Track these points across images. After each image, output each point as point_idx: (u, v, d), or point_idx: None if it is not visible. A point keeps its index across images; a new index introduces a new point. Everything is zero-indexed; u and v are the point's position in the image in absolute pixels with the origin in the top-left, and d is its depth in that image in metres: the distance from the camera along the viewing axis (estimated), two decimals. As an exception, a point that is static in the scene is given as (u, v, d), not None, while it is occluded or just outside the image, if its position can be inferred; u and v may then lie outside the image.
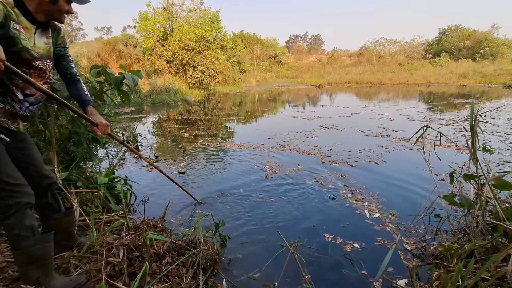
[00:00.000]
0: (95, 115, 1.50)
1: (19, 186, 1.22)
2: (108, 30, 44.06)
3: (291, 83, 23.02)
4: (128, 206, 2.47)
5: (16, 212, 1.20)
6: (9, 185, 1.19)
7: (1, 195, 1.18)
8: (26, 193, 1.25)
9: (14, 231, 1.20)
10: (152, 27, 16.95)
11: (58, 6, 1.23)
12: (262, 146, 4.63)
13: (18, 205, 1.20)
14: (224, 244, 1.93)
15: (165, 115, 8.85)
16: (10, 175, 1.20)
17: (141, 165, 3.76)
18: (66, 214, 1.57)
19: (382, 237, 2.05)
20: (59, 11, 1.25)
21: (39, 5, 1.20)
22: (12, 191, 1.20)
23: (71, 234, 1.63)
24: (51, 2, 1.21)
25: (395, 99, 12.01)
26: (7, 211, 1.19)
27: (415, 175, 3.27)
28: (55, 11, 1.24)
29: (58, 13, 1.26)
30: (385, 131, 5.58)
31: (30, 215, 1.26)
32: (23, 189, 1.24)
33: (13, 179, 1.21)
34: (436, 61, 26.46)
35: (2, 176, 1.17)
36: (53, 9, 1.23)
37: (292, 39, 56.72)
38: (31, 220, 1.25)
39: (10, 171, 1.21)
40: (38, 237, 1.26)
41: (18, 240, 1.20)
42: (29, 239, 1.22)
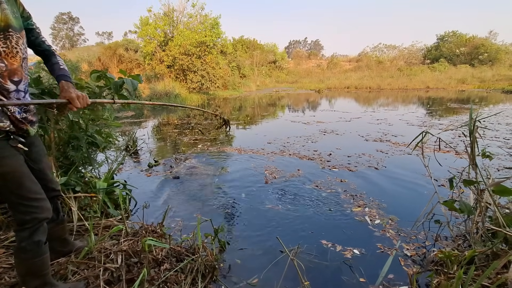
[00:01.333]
0: (66, 90, 1.25)
1: (38, 201, 1.19)
2: (109, 35, 44.41)
3: (290, 88, 23.12)
4: (127, 211, 2.46)
5: (31, 227, 1.18)
6: (28, 200, 1.15)
7: (20, 209, 1.15)
8: (44, 208, 1.22)
9: (22, 244, 1.18)
10: (153, 32, 17.08)
11: None
12: (262, 151, 4.63)
13: (35, 220, 1.18)
14: (223, 250, 1.92)
15: (165, 119, 8.86)
16: (29, 188, 1.16)
17: (140, 169, 3.75)
18: (59, 223, 1.54)
19: (382, 243, 2.04)
20: None
21: None
22: (31, 206, 1.16)
23: (65, 240, 1.61)
24: None
25: (394, 104, 12.05)
26: (23, 225, 1.17)
27: (415, 180, 3.27)
28: None
29: None
30: (384, 136, 5.59)
31: (42, 230, 1.23)
32: (42, 204, 1.21)
33: (32, 193, 1.17)
34: (434, 66, 26.64)
35: (21, 190, 1.13)
36: None
37: (291, 44, 57.15)
38: (41, 235, 1.23)
39: (29, 184, 1.16)
40: (39, 249, 1.24)
41: (21, 251, 1.19)
42: (29, 252, 1.21)
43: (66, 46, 39.09)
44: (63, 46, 39.48)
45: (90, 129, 2.47)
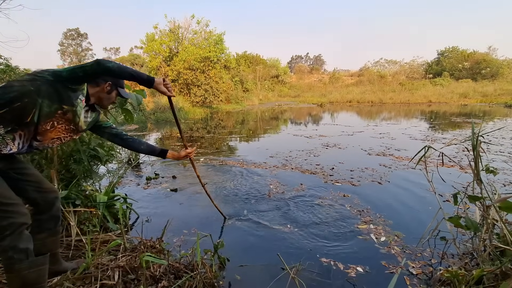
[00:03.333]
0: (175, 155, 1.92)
1: (13, 206, 1.20)
2: (116, 51, 45.60)
3: (293, 102, 23.32)
4: (127, 226, 2.43)
5: (11, 233, 1.17)
6: (4, 205, 1.17)
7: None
8: (21, 213, 1.22)
9: (8, 254, 1.16)
10: (158, 48, 17.55)
11: (110, 96, 1.52)
12: (264, 165, 4.61)
13: (13, 226, 1.18)
14: (222, 267, 1.87)
15: (168, 132, 8.93)
16: (2, 194, 1.18)
17: (141, 182, 3.74)
18: (51, 234, 1.50)
19: (387, 261, 1.98)
20: (109, 99, 1.53)
21: (97, 92, 1.47)
22: (6, 211, 1.17)
23: (55, 256, 1.54)
24: (107, 93, 1.50)
25: (396, 118, 12.06)
26: (2, 233, 1.16)
27: (419, 195, 3.21)
28: (106, 99, 1.51)
29: (107, 101, 1.53)
30: (387, 150, 5.55)
31: (26, 237, 1.23)
32: (17, 208, 1.21)
33: (6, 199, 1.19)
34: (436, 80, 26.84)
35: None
36: (106, 97, 1.51)
37: (294, 59, 58.18)
38: (26, 242, 1.22)
39: (2, 190, 1.19)
40: (32, 260, 1.23)
41: (11, 263, 1.17)
42: (23, 262, 1.19)
43: (74, 61, 40.16)
44: (71, 62, 40.57)
45: (93, 142, 2.49)
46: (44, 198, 1.42)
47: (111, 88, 1.50)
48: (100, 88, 1.46)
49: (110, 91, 1.50)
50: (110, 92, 1.50)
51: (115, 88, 1.52)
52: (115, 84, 1.53)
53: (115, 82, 1.52)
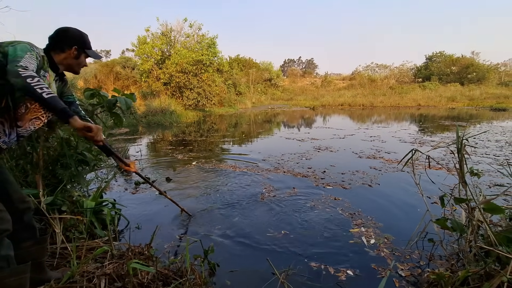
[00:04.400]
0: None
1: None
2: (107, 53, 45.07)
3: (286, 105, 23.44)
4: (115, 232, 2.38)
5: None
6: None
7: None
8: (4, 219, 1.19)
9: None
10: (150, 51, 17.41)
11: (79, 61, 1.47)
12: (257, 168, 4.61)
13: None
14: (212, 273, 1.85)
15: (160, 136, 8.84)
16: None
17: (131, 187, 3.68)
18: (37, 242, 1.45)
19: (376, 263, 2.00)
20: (79, 65, 1.48)
21: (64, 59, 1.42)
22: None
23: (40, 265, 1.49)
24: (75, 58, 1.44)
25: (387, 121, 12.26)
26: None
27: (408, 197, 3.26)
28: (75, 64, 1.47)
29: (77, 67, 1.48)
30: (377, 153, 5.63)
31: (7, 244, 1.19)
32: (1, 215, 1.18)
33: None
34: (425, 84, 27.43)
35: None
36: (75, 63, 1.45)
37: (286, 63, 58.62)
38: (8, 250, 1.19)
39: None
40: (13, 268, 1.19)
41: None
42: (3, 270, 1.15)
43: (64, 64, 39.43)
44: (61, 64, 39.82)
45: (81, 146, 2.44)
46: (14, 209, 1.33)
47: (78, 52, 1.44)
48: (66, 54, 1.41)
49: (78, 56, 1.44)
50: (78, 57, 1.45)
51: (83, 51, 1.46)
52: (82, 47, 1.46)
53: (81, 45, 1.45)
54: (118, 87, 18.82)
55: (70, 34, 1.44)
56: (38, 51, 1.28)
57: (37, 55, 1.24)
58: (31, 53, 1.21)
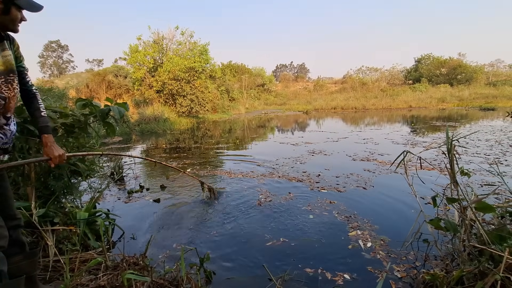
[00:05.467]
0: (49, 147, 1.38)
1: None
2: (99, 62, 44.86)
3: (279, 110, 23.58)
4: (109, 243, 2.34)
5: None
6: None
7: None
8: (1, 235, 1.16)
9: None
10: (142, 59, 17.41)
11: (11, 16, 1.18)
12: (252, 174, 4.60)
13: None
14: (209, 281, 1.83)
15: (154, 144, 8.78)
16: None
17: (125, 196, 3.64)
18: (27, 256, 1.41)
19: (372, 266, 2.00)
20: (13, 20, 1.20)
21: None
22: None
23: (32, 280, 1.45)
24: (4, 14, 1.16)
25: (379, 123, 12.42)
26: None
27: (402, 198, 3.29)
28: (9, 21, 1.19)
29: (12, 23, 1.21)
30: (371, 155, 5.69)
31: (1, 260, 1.17)
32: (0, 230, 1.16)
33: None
34: (415, 86, 27.97)
35: None
36: (7, 20, 1.18)
37: (279, 68, 59.16)
38: (1, 265, 1.16)
39: None
40: (6, 283, 1.16)
41: None
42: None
43: (55, 73, 39.13)
44: (52, 74, 39.50)
45: (73, 157, 2.41)
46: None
47: (6, 5, 1.16)
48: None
49: (6, 10, 1.16)
50: (7, 11, 1.16)
51: (11, 3, 1.17)
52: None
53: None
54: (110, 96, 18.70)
55: None
56: None
57: None
58: None
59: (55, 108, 2.33)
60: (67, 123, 2.30)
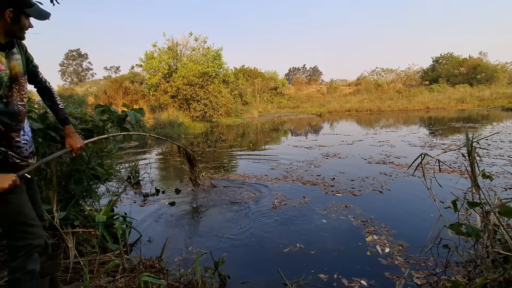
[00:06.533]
0: (71, 137, 1.49)
1: (33, 227, 1.22)
2: (117, 69, 46.42)
3: (292, 113, 23.47)
4: (126, 245, 2.40)
5: (24, 254, 1.18)
6: (25, 226, 1.19)
7: (16, 235, 1.18)
8: (38, 235, 1.24)
9: (16, 275, 1.17)
10: (157, 65, 17.88)
11: (20, 25, 1.21)
12: (266, 177, 4.60)
13: (29, 247, 1.20)
14: (223, 284, 1.84)
15: (169, 148, 8.96)
16: (27, 215, 1.21)
17: (136, 200, 3.73)
18: (50, 258, 1.48)
19: (390, 272, 1.95)
20: (21, 28, 1.24)
21: (1, 28, 1.17)
22: (27, 232, 1.20)
23: (53, 281, 1.50)
24: (14, 24, 1.18)
25: (395, 125, 12.10)
26: (16, 253, 1.18)
27: (420, 202, 3.19)
28: (18, 29, 1.22)
29: (20, 31, 1.24)
30: (387, 158, 5.55)
31: (35, 259, 1.24)
32: (36, 230, 1.24)
33: (29, 219, 1.21)
34: (433, 87, 27.09)
35: (21, 216, 1.19)
36: (16, 28, 1.21)
37: (291, 71, 59.03)
38: (34, 264, 1.23)
39: (28, 211, 1.22)
40: (36, 282, 1.22)
41: (16, 284, 1.17)
42: (26, 284, 1.19)
43: (74, 81, 40.86)
44: (72, 81, 41.28)
45: (93, 161, 2.51)
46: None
47: (16, 14, 1.17)
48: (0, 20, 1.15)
49: (16, 19, 1.18)
50: (17, 21, 1.19)
51: (22, 12, 1.18)
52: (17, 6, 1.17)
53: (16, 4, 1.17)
54: (127, 102, 19.31)
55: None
56: None
57: None
58: None
59: (75, 114, 2.44)
60: (87, 129, 2.40)
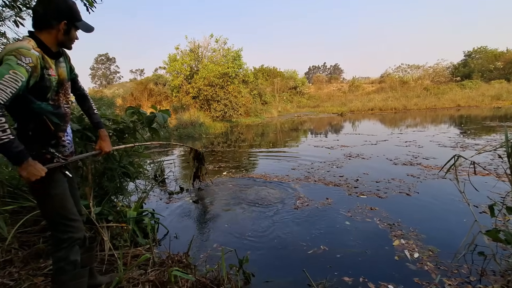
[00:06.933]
0: (104, 140, 1.61)
1: (75, 222, 1.34)
2: (141, 72, 48.31)
3: (312, 112, 23.15)
4: (155, 240, 2.52)
5: (67, 246, 1.29)
6: (68, 220, 1.31)
7: (60, 229, 1.29)
8: (80, 229, 1.36)
9: (60, 264, 1.28)
10: (180, 67, 18.40)
11: (70, 36, 1.35)
12: (287, 177, 4.58)
13: (71, 240, 1.31)
14: (248, 282, 1.87)
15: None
16: (70, 210, 1.33)
17: (166, 197, 3.87)
18: (87, 250, 1.57)
19: (419, 278, 1.88)
20: (70, 40, 1.37)
21: (55, 38, 1.30)
22: (69, 226, 1.31)
23: (90, 271, 1.59)
24: (65, 34, 1.32)
25: (423, 125, 11.55)
26: (60, 245, 1.29)
27: (452, 206, 3.03)
28: (68, 40, 1.36)
29: (69, 42, 1.38)
30: (414, 159, 5.32)
31: (76, 250, 1.35)
32: (78, 224, 1.35)
33: (72, 214, 1.33)
34: (464, 83, 25.50)
35: (65, 211, 1.30)
36: (67, 39, 1.35)
37: (311, 70, 58.21)
38: (76, 255, 1.34)
39: (71, 207, 1.34)
40: (78, 271, 1.33)
41: (59, 273, 1.28)
42: (69, 273, 1.29)
43: (103, 84, 43.08)
44: (101, 84, 43.55)
45: (124, 160, 2.64)
46: None
47: (68, 27, 1.30)
48: (55, 30, 1.28)
49: (68, 31, 1.31)
50: (68, 32, 1.32)
51: (73, 25, 1.32)
52: (71, 21, 1.31)
53: (71, 18, 1.30)
54: (151, 103, 20.02)
55: (56, 5, 1.27)
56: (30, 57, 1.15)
57: (26, 67, 1.12)
58: (16, 70, 1.08)
59: (108, 116, 2.59)
60: (119, 129, 2.54)
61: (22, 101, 1.19)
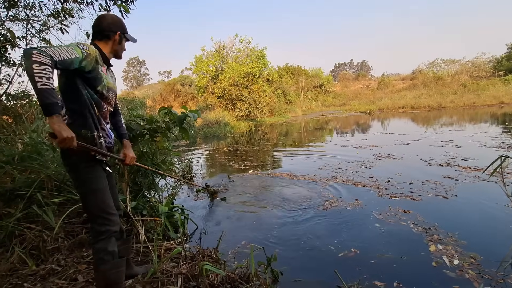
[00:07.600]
0: (127, 147, 1.68)
1: (112, 215, 1.43)
2: (168, 74, 50.29)
3: (338, 111, 22.56)
4: (185, 235, 2.60)
5: (105, 238, 1.38)
6: (107, 214, 1.40)
7: (98, 221, 1.39)
8: (116, 222, 1.45)
9: (99, 255, 1.37)
10: (205, 68, 18.87)
11: (122, 46, 1.52)
12: (314, 177, 4.51)
13: (108, 232, 1.40)
14: (276, 280, 1.87)
15: (216, 146, 9.38)
16: (108, 204, 1.42)
17: (189, 194, 3.98)
18: (124, 242, 1.67)
19: (459, 286, 1.76)
20: (122, 49, 1.54)
21: (111, 48, 1.48)
22: (107, 219, 1.40)
23: (127, 261, 1.69)
24: (119, 43, 1.49)
25: (460, 123, 10.78)
26: (98, 236, 1.38)
27: (496, 211, 2.80)
28: (120, 49, 1.52)
29: (121, 51, 1.54)
30: (452, 160, 4.98)
31: (113, 242, 1.43)
32: (115, 218, 1.44)
33: (110, 209, 1.42)
34: (508, 78, 23.37)
35: (104, 205, 1.39)
36: (119, 48, 1.51)
37: (337, 67, 56.74)
38: (114, 246, 1.43)
39: (109, 201, 1.43)
40: (116, 261, 1.42)
41: (100, 263, 1.37)
42: (108, 263, 1.38)
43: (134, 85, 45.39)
44: (132, 86, 45.92)
45: (156, 158, 2.77)
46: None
47: (121, 37, 1.49)
48: (112, 41, 1.46)
49: (120, 40, 1.49)
50: (121, 41, 1.50)
51: (124, 36, 1.51)
52: (123, 32, 1.50)
53: (122, 29, 1.49)
54: (179, 103, 20.73)
55: (112, 20, 1.47)
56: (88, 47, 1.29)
57: (82, 50, 1.24)
58: (74, 48, 1.22)
59: (143, 116, 2.72)
60: (152, 128, 2.66)
61: (76, 89, 1.31)
